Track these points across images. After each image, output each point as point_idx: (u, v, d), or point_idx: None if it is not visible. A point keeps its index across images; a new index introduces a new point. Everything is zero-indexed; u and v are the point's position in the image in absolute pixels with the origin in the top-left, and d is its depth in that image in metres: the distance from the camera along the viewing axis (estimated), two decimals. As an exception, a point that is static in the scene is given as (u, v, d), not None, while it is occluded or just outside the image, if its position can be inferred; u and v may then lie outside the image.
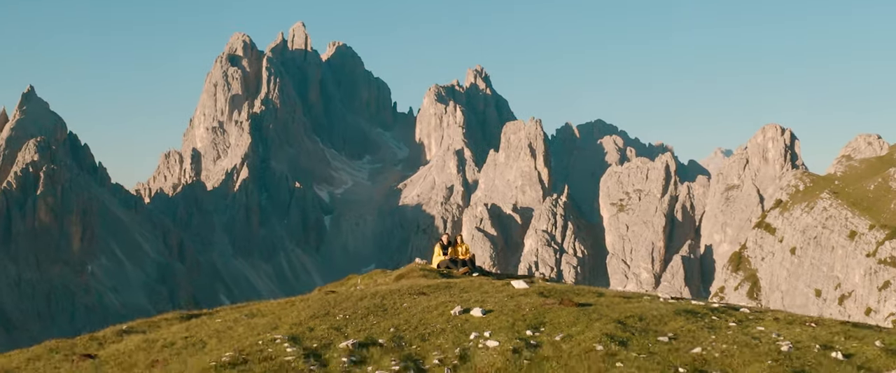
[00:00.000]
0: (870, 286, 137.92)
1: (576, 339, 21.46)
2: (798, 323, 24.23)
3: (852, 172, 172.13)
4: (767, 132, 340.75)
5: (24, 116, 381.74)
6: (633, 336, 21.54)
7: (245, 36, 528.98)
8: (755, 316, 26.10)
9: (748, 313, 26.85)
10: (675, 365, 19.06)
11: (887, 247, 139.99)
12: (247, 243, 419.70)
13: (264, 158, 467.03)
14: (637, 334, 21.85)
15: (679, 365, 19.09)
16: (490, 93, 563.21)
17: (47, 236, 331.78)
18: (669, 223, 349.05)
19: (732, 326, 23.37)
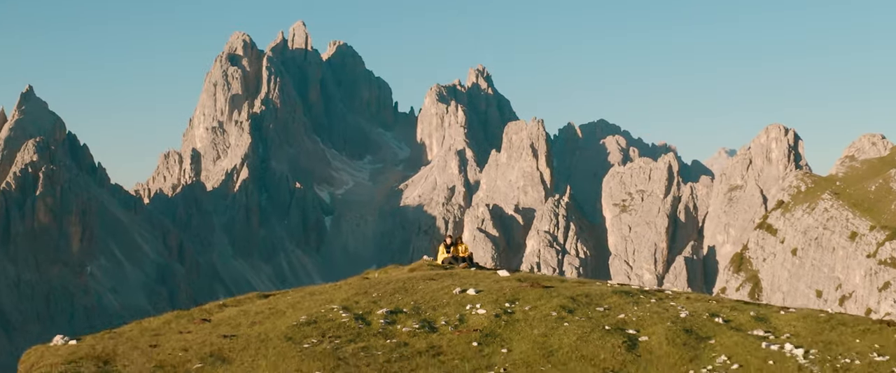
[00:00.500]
0: (870, 287, 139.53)
1: (539, 309, 31.20)
2: (702, 301, 33.83)
3: (853, 172, 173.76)
4: (771, 132, 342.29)
5: (23, 116, 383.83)
6: (578, 307, 31.26)
7: (245, 35, 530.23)
8: (672, 296, 35.92)
9: (669, 294, 36.24)
10: (603, 325, 28.46)
11: (888, 248, 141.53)
12: (247, 244, 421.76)
13: (264, 158, 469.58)
14: (582, 306, 31.58)
15: (606, 325, 28.52)
16: (492, 93, 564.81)
17: (46, 237, 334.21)
18: (672, 224, 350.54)
19: (652, 301, 32.98)
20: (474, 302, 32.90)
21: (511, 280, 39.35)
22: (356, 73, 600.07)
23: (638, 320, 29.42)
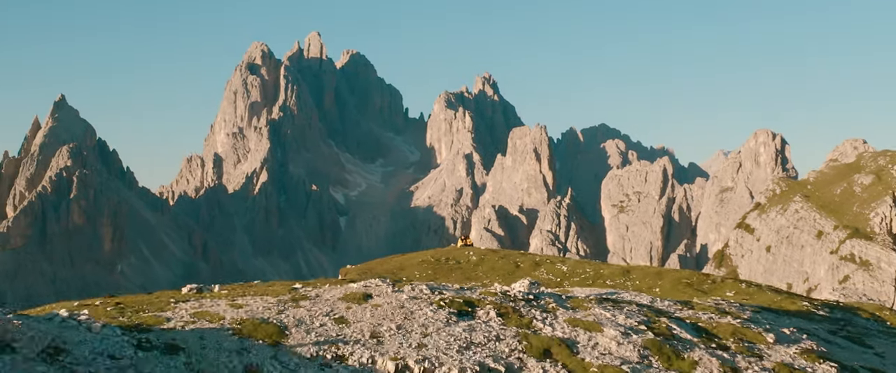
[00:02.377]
0: (832, 280, 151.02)
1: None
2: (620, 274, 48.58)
3: (823, 177, 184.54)
4: (759, 137, 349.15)
5: (56, 124, 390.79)
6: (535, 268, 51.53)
7: (263, 45, 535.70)
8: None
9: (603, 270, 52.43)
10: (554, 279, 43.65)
11: (848, 245, 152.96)
12: (266, 243, 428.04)
13: (282, 162, 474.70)
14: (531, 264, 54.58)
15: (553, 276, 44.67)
16: (498, 99, 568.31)
17: (80, 237, 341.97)
18: (667, 224, 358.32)
19: (589, 271, 46.03)
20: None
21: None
22: (368, 81, 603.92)
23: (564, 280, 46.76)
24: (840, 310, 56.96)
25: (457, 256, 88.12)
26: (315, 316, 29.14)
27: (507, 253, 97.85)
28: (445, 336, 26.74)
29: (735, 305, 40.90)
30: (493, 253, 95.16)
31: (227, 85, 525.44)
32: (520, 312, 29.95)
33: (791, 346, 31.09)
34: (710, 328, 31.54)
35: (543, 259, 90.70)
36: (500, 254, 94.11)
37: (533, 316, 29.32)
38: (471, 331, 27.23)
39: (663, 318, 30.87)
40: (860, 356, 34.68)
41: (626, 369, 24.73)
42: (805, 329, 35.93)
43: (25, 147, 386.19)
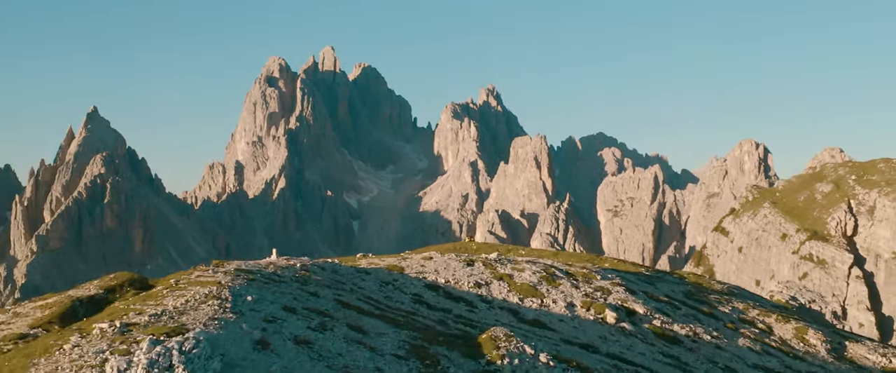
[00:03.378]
0: (794, 276, 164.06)
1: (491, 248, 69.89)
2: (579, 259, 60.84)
3: (790, 186, 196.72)
4: (744, 147, 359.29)
5: (89, 134, 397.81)
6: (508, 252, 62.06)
7: (281, 59, 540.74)
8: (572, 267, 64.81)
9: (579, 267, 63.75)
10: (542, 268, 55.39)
11: (807, 246, 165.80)
12: (284, 246, 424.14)
13: (299, 169, 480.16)
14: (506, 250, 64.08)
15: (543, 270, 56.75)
16: (501, 110, 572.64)
17: (113, 240, 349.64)
18: (658, 227, 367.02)
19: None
20: (479, 251, 75.00)
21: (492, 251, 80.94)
22: (379, 92, 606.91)
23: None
24: (661, 273, 72.47)
25: (465, 246, 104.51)
26: (412, 265, 45.73)
27: (497, 245, 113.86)
28: (462, 272, 46.67)
29: (595, 267, 57.67)
30: (488, 245, 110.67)
31: (247, 97, 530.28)
32: (492, 264, 47.13)
33: (605, 280, 47.60)
34: (571, 272, 47.86)
35: (517, 248, 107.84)
36: (492, 246, 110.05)
37: (497, 266, 46.08)
38: (471, 270, 46.86)
39: (552, 268, 47.70)
40: (645, 287, 50.42)
41: (531, 284, 40.68)
42: (623, 277, 51.74)
43: (61, 156, 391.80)
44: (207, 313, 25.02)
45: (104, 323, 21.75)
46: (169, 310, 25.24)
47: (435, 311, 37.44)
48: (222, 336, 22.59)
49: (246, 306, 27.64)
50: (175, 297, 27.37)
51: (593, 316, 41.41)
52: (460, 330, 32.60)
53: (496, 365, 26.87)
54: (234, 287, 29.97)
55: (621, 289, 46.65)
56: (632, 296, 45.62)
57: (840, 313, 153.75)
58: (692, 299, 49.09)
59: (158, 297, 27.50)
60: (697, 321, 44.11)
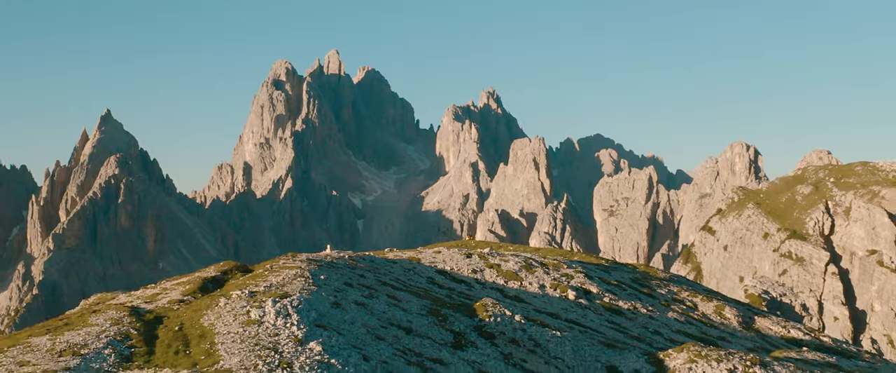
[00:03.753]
0: (774, 273, 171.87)
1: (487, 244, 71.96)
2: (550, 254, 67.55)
3: (773, 187, 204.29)
4: (735, 149, 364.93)
5: (103, 136, 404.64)
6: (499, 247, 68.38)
7: (287, 63, 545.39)
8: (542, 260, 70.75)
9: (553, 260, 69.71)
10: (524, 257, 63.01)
11: (787, 244, 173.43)
12: (291, 244, 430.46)
13: (305, 169, 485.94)
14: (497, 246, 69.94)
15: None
16: (501, 112, 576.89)
17: (127, 238, 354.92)
18: (652, 226, 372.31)
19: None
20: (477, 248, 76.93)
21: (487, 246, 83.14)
22: (383, 95, 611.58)
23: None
24: (616, 264, 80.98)
25: (465, 243, 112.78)
26: (426, 257, 56.29)
27: (491, 242, 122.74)
28: (462, 262, 55.85)
29: (564, 259, 66.42)
30: (485, 242, 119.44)
31: (255, 99, 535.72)
32: (485, 256, 55.45)
33: (570, 269, 56.42)
34: (545, 263, 56.54)
35: (506, 245, 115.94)
36: (488, 243, 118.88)
37: (489, 258, 54.51)
38: (470, 261, 56.05)
39: (531, 260, 56.76)
40: (601, 274, 59.14)
41: (514, 271, 49.37)
42: (585, 267, 60.56)
43: (75, 156, 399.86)
44: (299, 286, 34.87)
45: (237, 291, 31.72)
46: (274, 284, 35.29)
47: (443, 288, 48.41)
48: (312, 299, 32.72)
49: (321, 282, 37.74)
50: (274, 276, 37.51)
51: (558, 294, 52.01)
52: (461, 301, 43.51)
53: (485, 322, 36.95)
54: (311, 270, 40.50)
55: (582, 275, 55.99)
56: (589, 280, 55.55)
57: (816, 307, 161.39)
58: (637, 283, 57.95)
59: (263, 276, 37.22)
60: (638, 299, 53.47)
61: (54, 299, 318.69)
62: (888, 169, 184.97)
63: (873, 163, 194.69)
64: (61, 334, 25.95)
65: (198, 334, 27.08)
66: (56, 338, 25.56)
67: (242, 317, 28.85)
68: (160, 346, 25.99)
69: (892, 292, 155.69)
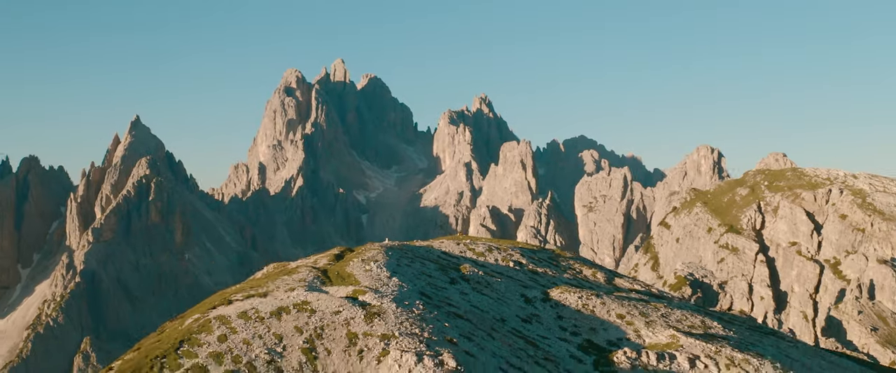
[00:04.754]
0: (714, 261, 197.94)
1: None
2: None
3: (719, 189, 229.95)
4: (701, 151, 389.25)
5: (133, 139, 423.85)
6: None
7: (297, 71, 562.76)
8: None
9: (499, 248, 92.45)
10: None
11: (725, 237, 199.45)
12: (302, 237, 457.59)
13: (314, 169, 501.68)
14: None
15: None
16: (492, 116, 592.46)
17: (157, 232, 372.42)
18: (627, 221, 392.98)
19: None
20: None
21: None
22: (384, 100, 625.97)
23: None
24: (543, 249, 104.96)
25: (458, 237, 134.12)
26: (433, 244, 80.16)
27: (475, 236, 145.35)
28: (455, 248, 79.29)
29: (511, 246, 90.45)
30: (474, 237, 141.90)
31: (268, 105, 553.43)
32: (468, 245, 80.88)
33: (513, 251, 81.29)
34: (500, 248, 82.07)
35: (482, 238, 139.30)
36: (472, 237, 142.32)
37: (469, 245, 79.93)
38: (459, 247, 79.93)
39: (492, 247, 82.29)
40: (531, 254, 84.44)
41: (481, 252, 74.84)
42: (523, 251, 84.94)
43: (108, 158, 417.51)
44: (382, 257, 60.61)
45: (354, 259, 57.55)
46: (370, 256, 61.07)
47: (445, 259, 71.97)
48: (389, 262, 59.00)
49: (390, 255, 63.37)
50: (368, 253, 63.49)
51: (503, 263, 76.08)
52: (454, 264, 68.28)
53: (465, 273, 63.46)
54: (385, 250, 66.02)
55: (519, 254, 79.40)
56: (522, 257, 79.36)
57: (747, 289, 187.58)
58: (550, 260, 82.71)
59: (363, 253, 63.71)
60: (548, 267, 78.00)
61: (94, 286, 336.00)
62: (812, 175, 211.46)
63: (802, 169, 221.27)
64: (278, 278, 52.19)
65: (347, 275, 52.67)
66: (278, 278, 51.90)
67: (362, 268, 54.16)
68: (334, 279, 52.19)
69: (808, 276, 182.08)
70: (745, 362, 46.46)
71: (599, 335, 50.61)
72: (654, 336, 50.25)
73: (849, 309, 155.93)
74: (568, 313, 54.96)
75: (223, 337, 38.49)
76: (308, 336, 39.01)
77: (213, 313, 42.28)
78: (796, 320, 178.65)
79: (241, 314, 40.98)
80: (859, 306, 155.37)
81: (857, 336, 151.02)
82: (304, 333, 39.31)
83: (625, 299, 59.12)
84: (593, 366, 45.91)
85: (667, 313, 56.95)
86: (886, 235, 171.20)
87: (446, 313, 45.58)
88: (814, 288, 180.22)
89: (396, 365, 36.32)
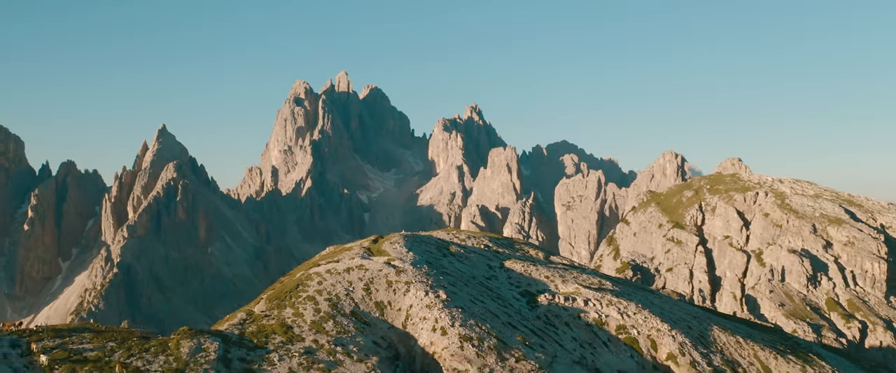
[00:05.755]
0: (662, 252, 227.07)
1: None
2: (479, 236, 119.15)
3: (670, 192, 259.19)
4: (666, 157, 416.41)
5: (161, 146, 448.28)
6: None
7: (305, 83, 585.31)
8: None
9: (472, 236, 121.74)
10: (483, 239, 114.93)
11: (672, 232, 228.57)
12: (311, 233, 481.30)
13: (321, 171, 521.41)
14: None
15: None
16: (482, 124, 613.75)
17: (183, 228, 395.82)
18: (600, 219, 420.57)
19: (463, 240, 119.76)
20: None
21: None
22: (384, 109, 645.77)
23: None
24: (507, 237, 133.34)
25: (449, 230, 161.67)
26: (435, 235, 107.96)
27: (463, 230, 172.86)
28: (446, 236, 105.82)
29: (484, 236, 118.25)
30: (463, 230, 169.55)
31: (279, 114, 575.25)
32: (455, 235, 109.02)
33: (484, 239, 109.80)
34: (476, 235, 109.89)
35: (463, 230, 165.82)
36: (458, 230, 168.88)
37: (455, 235, 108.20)
38: (449, 236, 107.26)
39: (471, 236, 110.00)
40: (497, 241, 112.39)
41: (463, 239, 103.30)
42: (491, 239, 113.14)
43: (138, 163, 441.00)
44: (402, 242, 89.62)
45: (386, 243, 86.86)
46: (395, 240, 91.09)
47: (439, 243, 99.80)
48: (407, 243, 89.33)
49: (408, 240, 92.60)
50: (394, 237, 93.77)
51: (477, 245, 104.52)
52: (445, 246, 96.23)
53: (452, 252, 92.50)
54: (404, 237, 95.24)
55: (487, 240, 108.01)
56: (490, 243, 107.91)
57: (688, 274, 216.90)
58: (510, 245, 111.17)
59: (389, 239, 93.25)
60: (506, 249, 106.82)
61: (129, 277, 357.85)
62: (745, 179, 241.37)
63: (739, 174, 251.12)
64: (341, 253, 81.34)
65: (382, 251, 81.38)
66: (342, 253, 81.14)
67: (391, 247, 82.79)
68: (375, 253, 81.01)
69: (737, 264, 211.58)
70: (617, 302, 76.20)
71: (532, 287, 79.92)
72: (566, 288, 79.68)
73: (762, 289, 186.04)
74: (514, 275, 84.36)
75: (320, 282, 68.06)
76: (365, 282, 68.61)
77: (311, 271, 71.84)
78: (728, 299, 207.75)
79: (327, 271, 70.54)
80: (771, 286, 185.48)
81: (768, 310, 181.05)
82: (362, 280, 68.90)
83: (552, 268, 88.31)
84: (526, 304, 75.37)
85: (577, 276, 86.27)
86: (798, 230, 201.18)
87: (441, 272, 74.74)
88: (742, 273, 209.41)
89: (413, 296, 65.90)
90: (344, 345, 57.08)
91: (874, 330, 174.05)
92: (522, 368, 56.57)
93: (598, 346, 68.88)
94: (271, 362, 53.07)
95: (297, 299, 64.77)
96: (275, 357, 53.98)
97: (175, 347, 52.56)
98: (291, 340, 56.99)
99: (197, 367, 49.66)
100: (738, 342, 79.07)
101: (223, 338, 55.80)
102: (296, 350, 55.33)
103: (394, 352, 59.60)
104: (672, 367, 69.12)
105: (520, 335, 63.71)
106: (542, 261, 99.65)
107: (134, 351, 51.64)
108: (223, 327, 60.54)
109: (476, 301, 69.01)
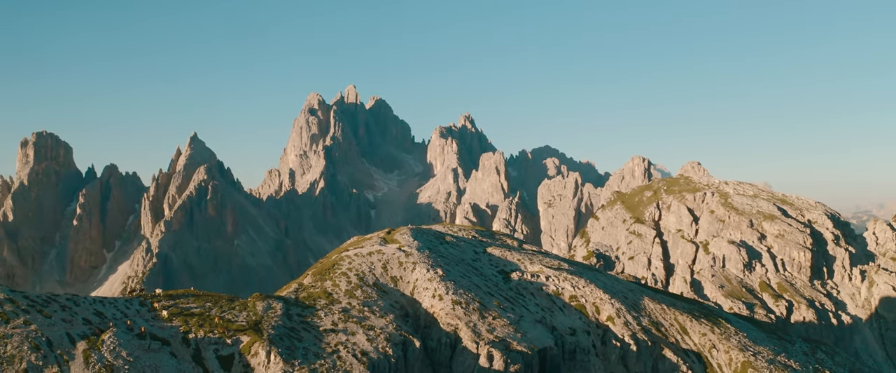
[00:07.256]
0: (625, 243, 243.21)
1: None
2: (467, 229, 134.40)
3: (634, 193, 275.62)
4: (635, 161, 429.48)
5: (192, 151, 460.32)
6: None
7: (318, 95, 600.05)
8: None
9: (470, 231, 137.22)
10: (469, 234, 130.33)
11: (633, 226, 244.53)
12: (324, 228, 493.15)
13: (333, 174, 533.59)
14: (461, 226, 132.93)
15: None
16: (474, 131, 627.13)
17: (213, 224, 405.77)
18: (577, 215, 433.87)
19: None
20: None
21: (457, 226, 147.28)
22: (387, 118, 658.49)
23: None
24: (489, 230, 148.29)
25: (445, 225, 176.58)
26: (434, 228, 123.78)
27: (457, 224, 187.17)
28: (443, 229, 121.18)
29: (472, 228, 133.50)
30: (458, 225, 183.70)
31: (295, 122, 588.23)
32: (448, 227, 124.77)
33: (466, 232, 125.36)
34: (465, 227, 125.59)
35: (455, 224, 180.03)
36: (452, 225, 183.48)
37: (449, 228, 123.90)
38: (444, 228, 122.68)
39: (461, 228, 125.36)
40: (482, 233, 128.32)
41: (455, 232, 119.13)
42: (477, 232, 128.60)
43: (172, 167, 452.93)
44: (410, 233, 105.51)
45: (398, 233, 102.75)
46: (405, 231, 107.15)
47: (437, 234, 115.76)
48: (413, 233, 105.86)
49: (414, 232, 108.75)
50: (404, 231, 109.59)
51: (467, 236, 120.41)
52: (442, 237, 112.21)
53: (447, 241, 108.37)
54: (411, 230, 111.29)
55: (474, 232, 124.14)
56: (477, 234, 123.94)
57: (646, 262, 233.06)
58: (492, 236, 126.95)
59: (399, 231, 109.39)
60: (489, 239, 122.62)
61: (167, 266, 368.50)
62: (696, 181, 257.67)
63: (691, 177, 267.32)
64: (363, 242, 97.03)
65: (394, 240, 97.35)
66: (364, 241, 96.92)
67: (401, 237, 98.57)
68: (390, 241, 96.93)
69: (687, 253, 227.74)
70: (571, 278, 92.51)
71: (508, 267, 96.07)
72: (532, 268, 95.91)
73: (706, 274, 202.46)
74: (494, 258, 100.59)
75: (350, 262, 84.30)
76: (383, 262, 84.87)
77: (343, 254, 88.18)
78: (679, 282, 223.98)
79: (354, 254, 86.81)
80: (713, 271, 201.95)
81: (710, 291, 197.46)
82: (381, 261, 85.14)
83: (523, 253, 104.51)
84: (502, 279, 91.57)
85: (541, 259, 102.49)
86: (737, 225, 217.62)
87: (439, 256, 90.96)
88: (692, 261, 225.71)
89: (419, 272, 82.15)
90: (369, 306, 73.10)
91: (798, 308, 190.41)
92: (498, 323, 72.44)
93: (555, 310, 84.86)
94: (319, 317, 68.93)
95: (334, 274, 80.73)
96: (322, 313, 69.93)
97: (252, 305, 68.47)
98: (332, 302, 73.02)
99: (269, 319, 65.47)
100: (662, 309, 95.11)
101: (284, 300, 71.82)
102: (335, 309, 71.36)
103: (405, 312, 75.57)
104: (610, 326, 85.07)
105: (497, 301, 79.71)
106: (516, 248, 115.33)
107: (224, 308, 67.54)
108: (282, 293, 76.50)
109: (465, 276, 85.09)
